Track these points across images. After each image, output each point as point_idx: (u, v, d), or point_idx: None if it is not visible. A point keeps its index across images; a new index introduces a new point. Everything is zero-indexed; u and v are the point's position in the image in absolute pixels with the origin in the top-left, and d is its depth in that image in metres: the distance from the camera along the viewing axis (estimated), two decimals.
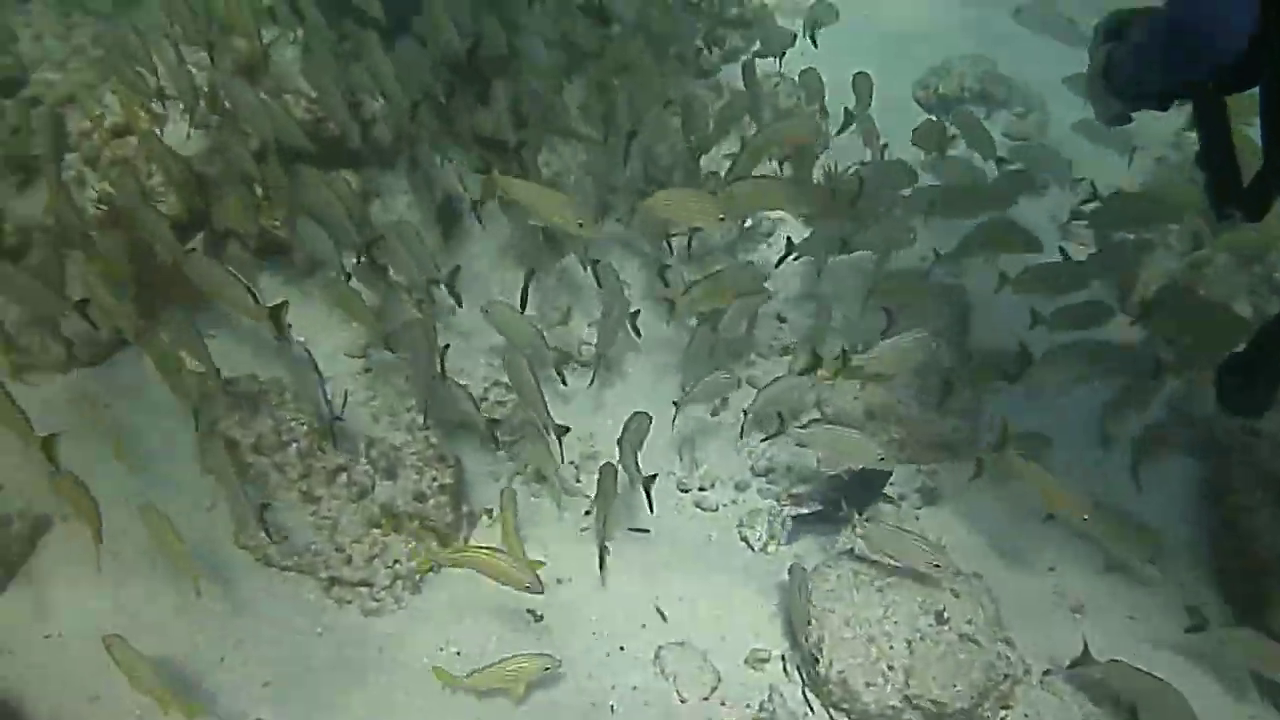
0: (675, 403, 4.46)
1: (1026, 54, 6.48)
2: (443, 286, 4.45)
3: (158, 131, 4.47)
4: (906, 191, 4.95)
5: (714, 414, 4.66)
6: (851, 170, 4.99)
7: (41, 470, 3.46)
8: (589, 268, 4.63)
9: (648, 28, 5.29)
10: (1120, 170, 5.61)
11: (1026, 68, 6.52)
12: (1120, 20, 3.02)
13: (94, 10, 5.34)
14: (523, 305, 4.55)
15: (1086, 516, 3.81)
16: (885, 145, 5.27)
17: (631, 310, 4.55)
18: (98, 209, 4.43)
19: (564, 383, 4.56)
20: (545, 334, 4.63)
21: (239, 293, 3.61)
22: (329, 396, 4.01)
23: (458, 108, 5.09)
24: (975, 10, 6.24)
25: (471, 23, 4.98)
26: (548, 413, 4.06)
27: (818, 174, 5.32)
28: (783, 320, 4.99)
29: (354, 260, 4.45)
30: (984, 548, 4.30)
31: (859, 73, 5.37)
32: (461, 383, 4.17)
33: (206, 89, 4.59)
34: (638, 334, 4.62)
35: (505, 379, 4.40)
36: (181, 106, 4.51)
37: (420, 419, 4.22)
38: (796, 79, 5.63)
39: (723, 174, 4.96)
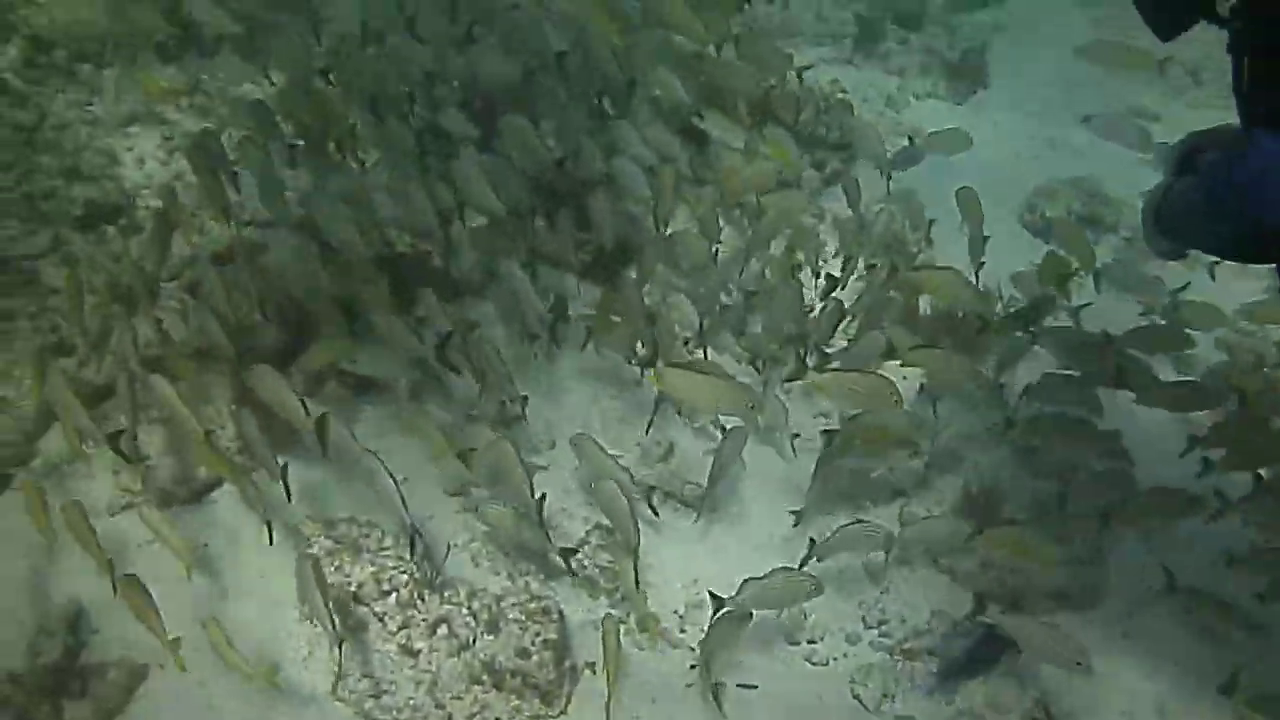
0: (803, 560, 4.29)
1: (1109, 167, 6.38)
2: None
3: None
4: None
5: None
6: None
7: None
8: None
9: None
10: None
11: (1109, 184, 6.39)
12: (1193, 146, 2.97)
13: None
14: None
15: None
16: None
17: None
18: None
19: (655, 513, 4.50)
20: (648, 469, 4.59)
21: (293, 403, 3.86)
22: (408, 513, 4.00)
23: (549, 227, 5.13)
24: (1045, 124, 6.16)
25: (560, 140, 5.03)
26: (636, 533, 4.01)
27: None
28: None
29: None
30: None
31: (963, 188, 5.35)
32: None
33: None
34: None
35: (606, 521, 4.31)
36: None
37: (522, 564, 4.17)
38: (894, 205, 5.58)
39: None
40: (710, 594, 3.97)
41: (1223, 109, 2.75)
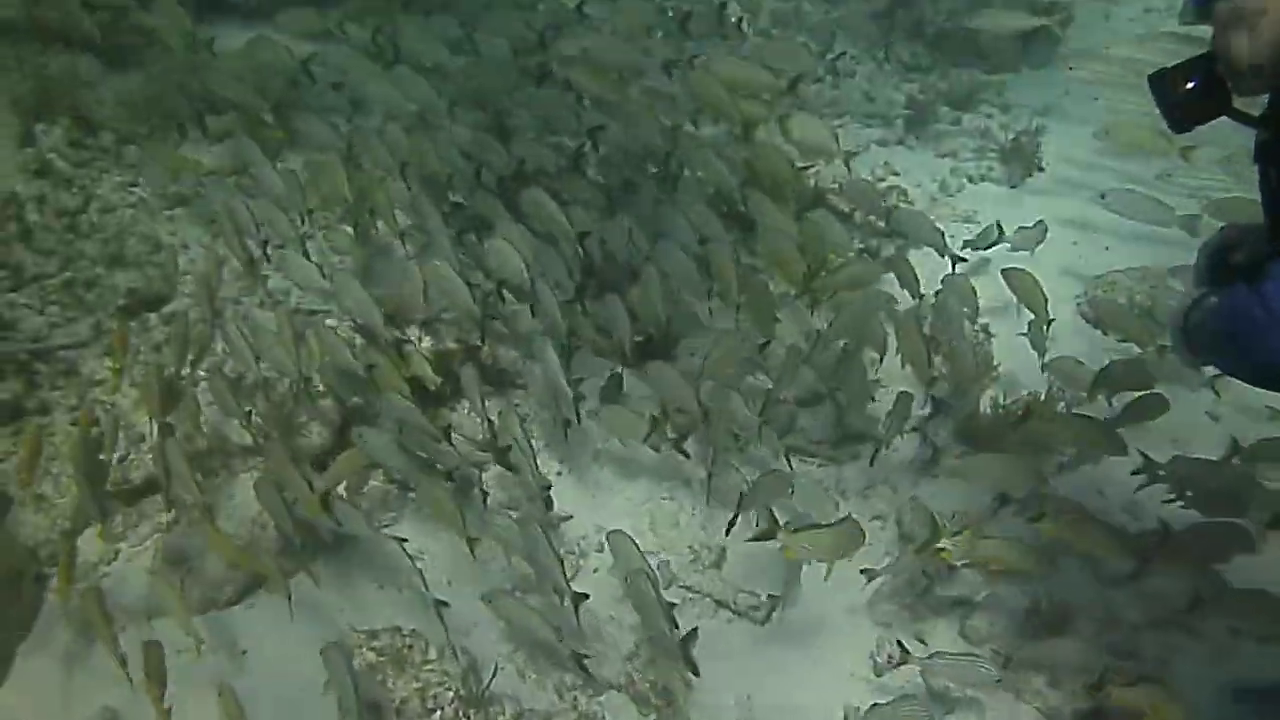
0: None
1: (1175, 255, 6.26)
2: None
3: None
4: None
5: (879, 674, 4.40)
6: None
7: None
8: None
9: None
10: None
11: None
12: (1225, 243, 2.91)
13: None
14: None
15: None
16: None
17: None
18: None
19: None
20: (699, 575, 4.50)
21: (300, 482, 3.98)
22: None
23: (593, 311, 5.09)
24: (1103, 209, 6.09)
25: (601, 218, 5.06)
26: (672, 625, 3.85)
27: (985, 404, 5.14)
28: None
29: None
30: None
31: (1019, 271, 5.26)
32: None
33: None
34: None
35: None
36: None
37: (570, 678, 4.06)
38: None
39: None
40: None
41: None
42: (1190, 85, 2.58)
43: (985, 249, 5.97)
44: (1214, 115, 2.63)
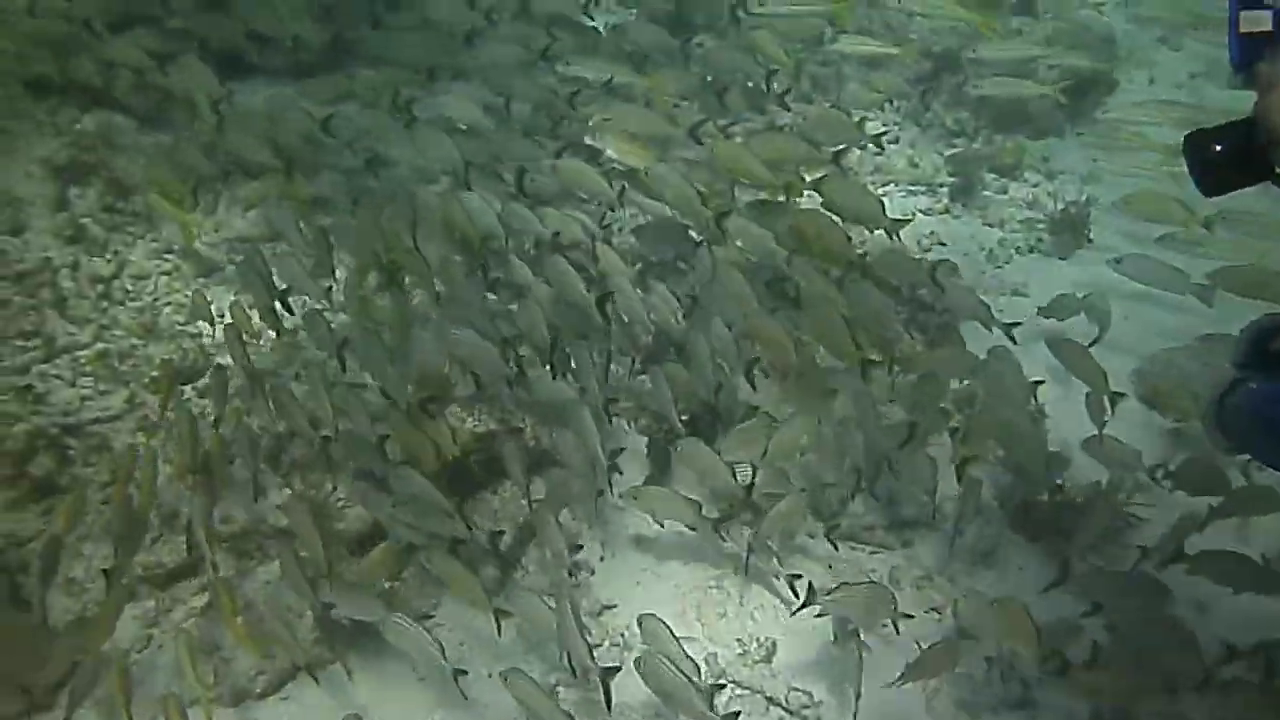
0: None
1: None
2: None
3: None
4: None
5: None
6: None
7: None
8: None
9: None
10: None
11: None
12: (1267, 328, 2.78)
13: None
14: None
15: None
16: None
17: None
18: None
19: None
20: (748, 670, 4.41)
21: (315, 540, 4.00)
22: None
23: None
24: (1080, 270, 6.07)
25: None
26: None
27: None
28: None
29: None
30: None
31: (1068, 341, 5.24)
32: None
33: None
34: None
35: None
36: None
37: None
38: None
39: None
40: None
41: None
42: (1218, 149, 2.45)
43: (1061, 319, 5.92)
44: (1249, 183, 2.51)
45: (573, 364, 4.71)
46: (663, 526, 4.81)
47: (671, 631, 4.03)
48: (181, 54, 5.54)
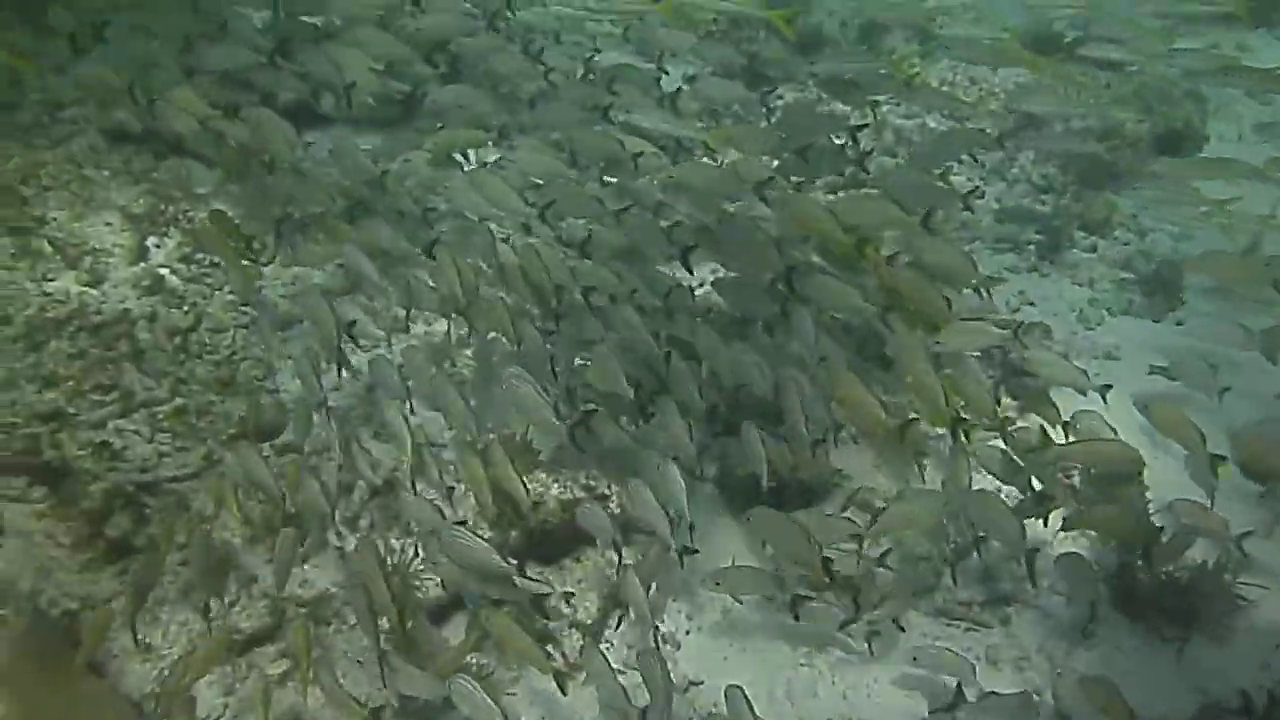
0: None
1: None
2: None
3: None
4: None
5: None
6: None
7: None
8: None
9: None
10: None
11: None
12: None
13: None
14: None
15: None
16: None
17: None
18: None
19: None
20: None
21: (382, 591, 3.92)
22: None
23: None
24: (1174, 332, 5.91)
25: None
26: None
27: None
28: None
29: None
30: None
31: (1164, 404, 5.11)
32: None
33: None
34: None
35: None
36: None
37: None
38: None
39: None
40: None
41: None
42: None
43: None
44: None
45: (656, 420, 4.64)
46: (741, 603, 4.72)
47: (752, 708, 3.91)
48: (251, 105, 5.55)
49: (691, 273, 5.38)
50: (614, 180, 5.60)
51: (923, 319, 5.23)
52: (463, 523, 4.01)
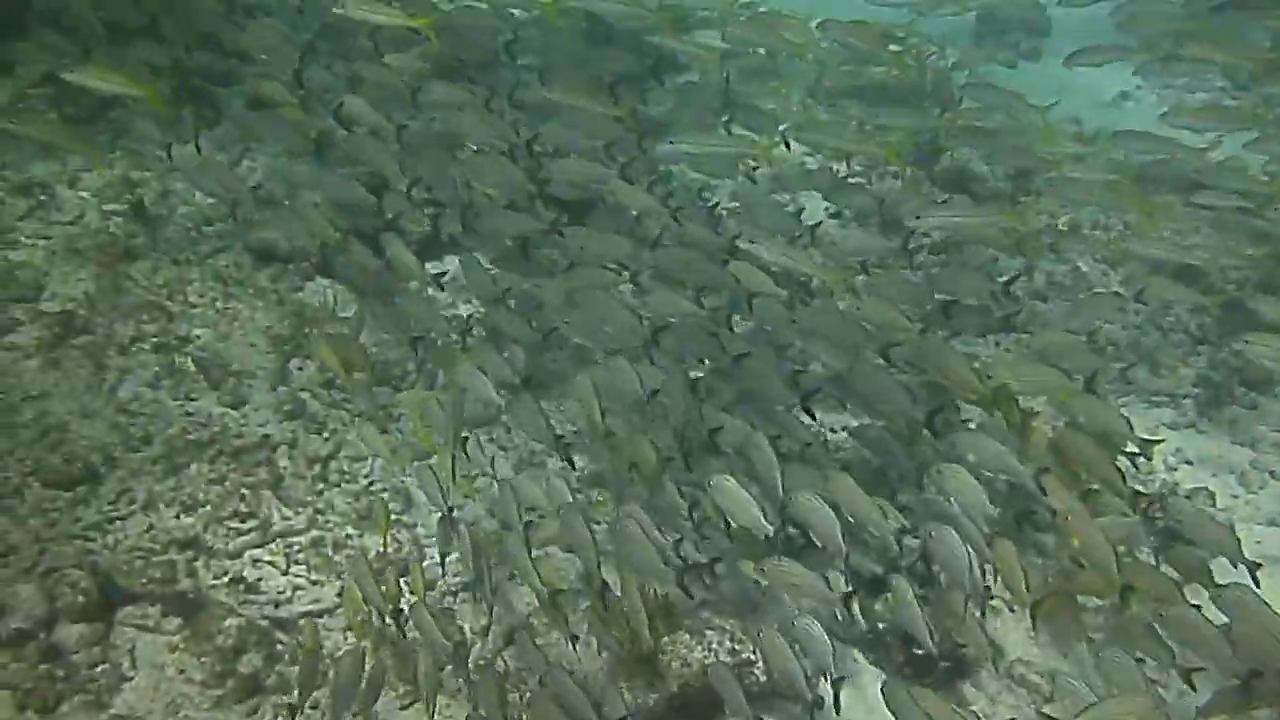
0: None
1: None
2: None
3: None
4: None
5: None
6: None
7: None
8: None
9: None
10: None
11: None
12: None
13: None
14: None
15: None
16: None
17: None
18: None
19: None
20: None
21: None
22: None
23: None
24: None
25: None
26: None
27: None
28: None
29: None
30: None
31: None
32: None
33: None
34: None
35: None
36: None
37: None
38: None
39: None
40: None
41: None
42: None
43: None
44: None
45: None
46: None
47: None
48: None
49: (814, 418, 5.33)
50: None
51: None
52: None
